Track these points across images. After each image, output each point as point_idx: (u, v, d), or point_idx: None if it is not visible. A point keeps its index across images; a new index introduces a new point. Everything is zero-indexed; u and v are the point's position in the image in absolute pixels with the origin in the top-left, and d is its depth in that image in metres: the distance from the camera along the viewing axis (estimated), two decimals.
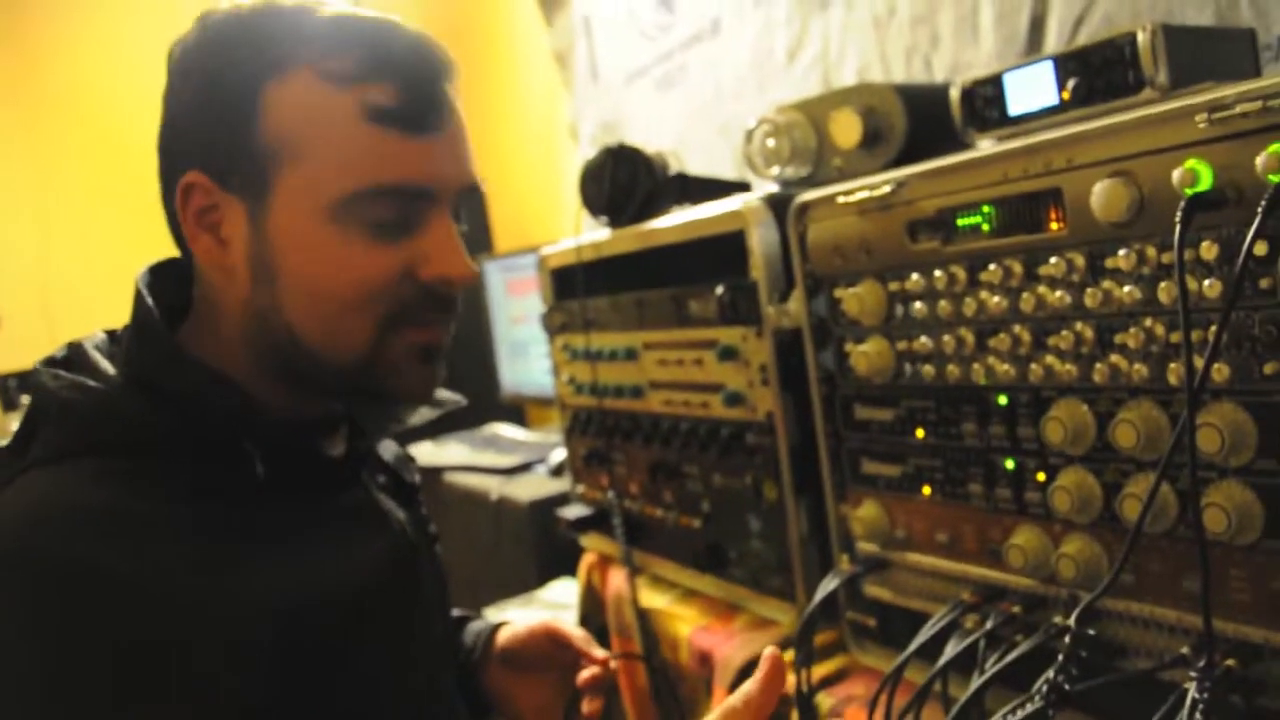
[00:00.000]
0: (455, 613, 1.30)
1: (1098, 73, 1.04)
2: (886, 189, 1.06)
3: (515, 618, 1.31)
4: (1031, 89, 1.11)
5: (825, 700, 1.19)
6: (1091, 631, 0.92)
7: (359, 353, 0.92)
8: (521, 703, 1.25)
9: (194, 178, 0.90)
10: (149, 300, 0.93)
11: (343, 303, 0.90)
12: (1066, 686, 0.86)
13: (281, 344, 0.92)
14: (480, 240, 3.73)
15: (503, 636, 1.28)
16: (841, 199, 1.12)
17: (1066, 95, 1.07)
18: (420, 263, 0.92)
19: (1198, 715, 0.76)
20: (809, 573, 1.32)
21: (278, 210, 0.89)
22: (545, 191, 3.59)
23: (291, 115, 0.88)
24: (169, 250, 1.00)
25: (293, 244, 0.89)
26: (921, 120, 1.34)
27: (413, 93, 0.90)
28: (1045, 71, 1.10)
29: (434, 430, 3.35)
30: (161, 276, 1.00)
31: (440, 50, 0.94)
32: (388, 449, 1.16)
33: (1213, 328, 0.78)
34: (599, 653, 1.20)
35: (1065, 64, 1.07)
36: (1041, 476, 0.97)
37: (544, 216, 3.56)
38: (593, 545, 1.90)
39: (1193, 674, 0.78)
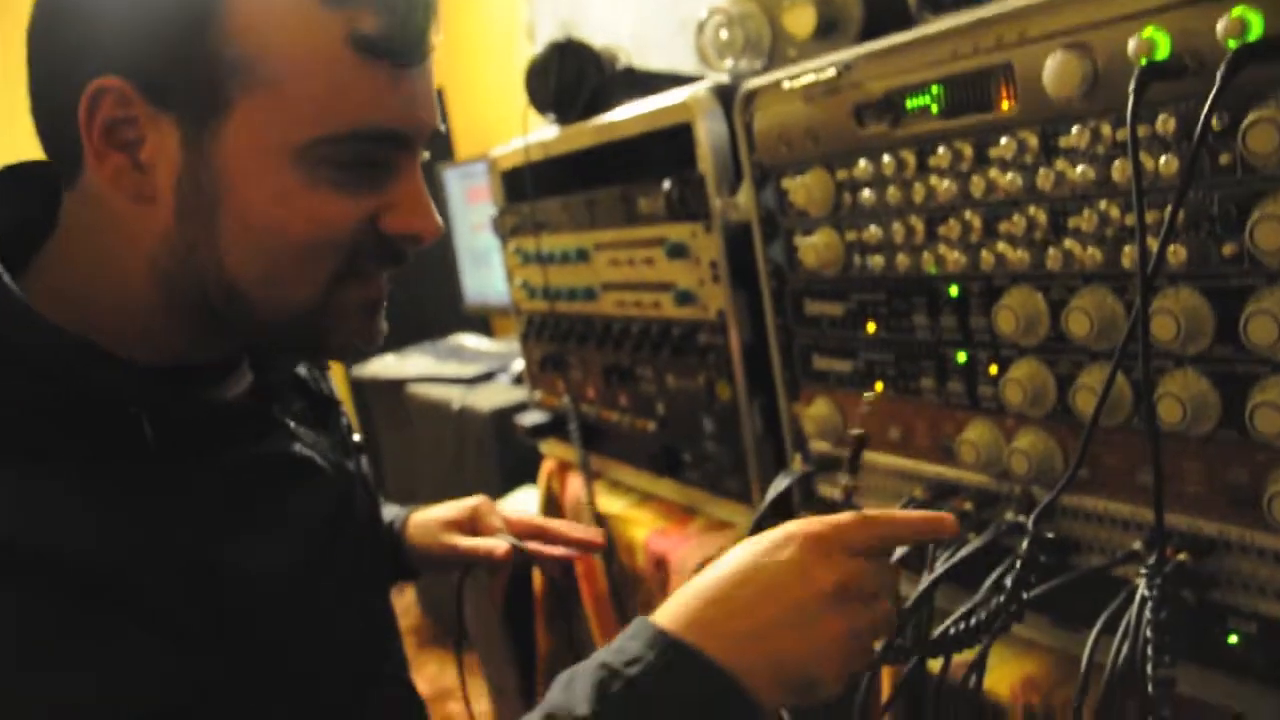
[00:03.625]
0: None
1: None
2: (832, 72, 1.00)
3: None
4: None
5: None
6: (1050, 534, 0.89)
7: (306, 306, 0.80)
8: None
9: (109, 83, 0.73)
10: None
11: (298, 251, 0.78)
12: (1024, 595, 0.83)
13: (208, 285, 0.79)
14: (440, 147, 3.64)
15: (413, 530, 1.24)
16: (787, 84, 1.06)
17: None
18: (385, 213, 0.81)
19: (1146, 611, 0.74)
20: (764, 473, 1.28)
21: (231, 138, 0.75)
22: (504, 96, 3.48)
23: (264, 29, 0.74)
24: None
25: (246, 180, 0.76)
26: (878, 8, 1.27)
27: (406, 19, 0.77)
28: None
29: (396, 342, 3.30)
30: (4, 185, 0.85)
31: None
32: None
33: (1169, 208, 0.74)
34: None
35: None
36: (994, 369, 0.93)
37: (503, 122, 3.45)
38: (551, 452, 1.87)
39: (1143, 570, 0.76)
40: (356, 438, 1.09)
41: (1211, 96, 0.66)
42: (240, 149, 0.75)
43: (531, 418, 1.81)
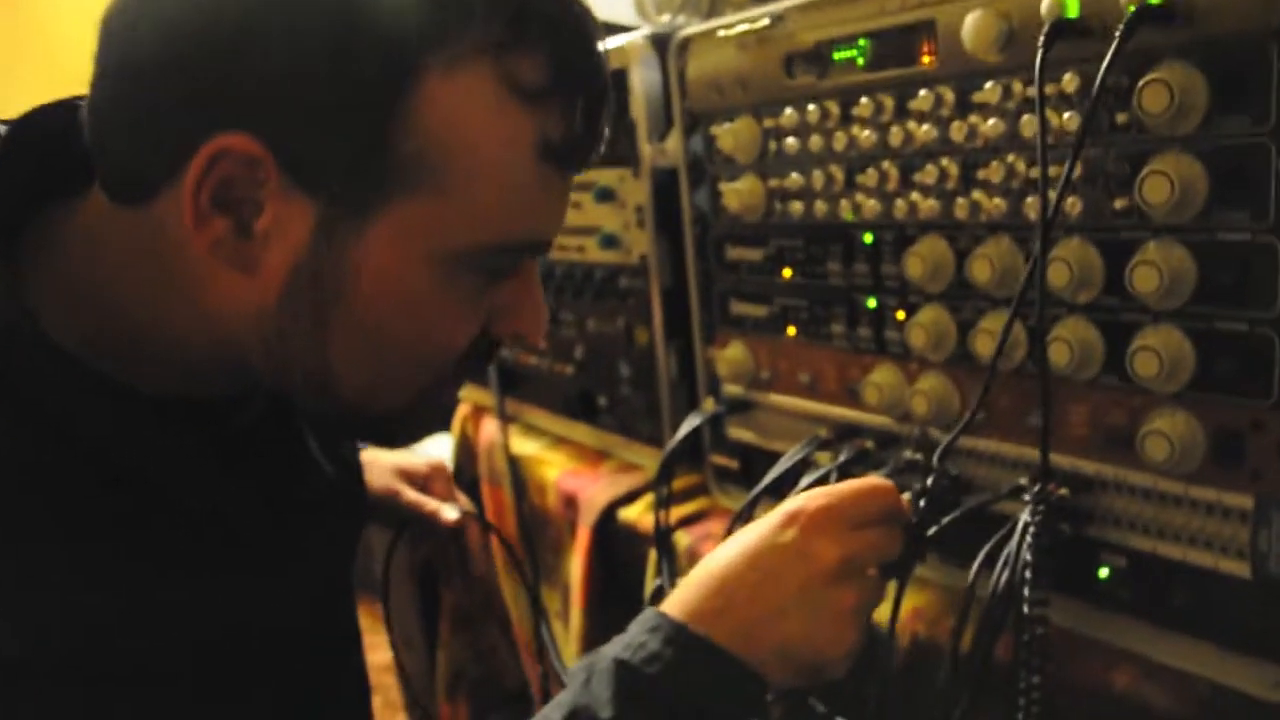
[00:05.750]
0: None
1: None
2: (766, 21, 1.04)
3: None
4: None
5: (683, 538, 1.21)
6: (954, 472, 0.93)
7: (400, 406, 0.75)
8: None
9: (243, 146, 0.62)
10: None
11: (414, 360, 0.72)
12: (930, 531, 0.87)
13: (295, 373, 0.71)
14: None
15: None
16: (722, 33, 1.10)
17: None
18: (499, 315, 0.74)
19: (1027, 537, 0.79)
20: (677, 417, 1.32)
21: (375, 239, 0.65)
22: None
23: (458, 126, 0.64)
24: None
25: (378, 284, 0.67)
26: None
27: (590, 125, 0.71)
28: None
29: None
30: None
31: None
32: None
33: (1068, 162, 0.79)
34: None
35: None
36: (901, 315, 0.97)
37: None
38: (468, 396, 1.89)
39: (1026, 498, 0.81)
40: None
41: (1109, 56, 0.70)
42: (383, 251, 0.66)
43: None
